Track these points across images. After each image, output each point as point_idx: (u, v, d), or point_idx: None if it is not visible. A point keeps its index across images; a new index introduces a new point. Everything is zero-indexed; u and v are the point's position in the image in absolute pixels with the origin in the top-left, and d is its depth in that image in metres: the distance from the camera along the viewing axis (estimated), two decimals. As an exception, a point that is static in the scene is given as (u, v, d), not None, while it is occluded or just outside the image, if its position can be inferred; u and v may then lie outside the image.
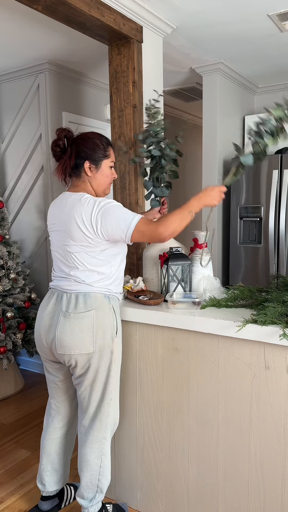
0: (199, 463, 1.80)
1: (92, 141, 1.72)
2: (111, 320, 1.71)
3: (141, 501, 1.99)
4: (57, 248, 1.75)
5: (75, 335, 1.65)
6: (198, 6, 2.52)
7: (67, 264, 1.72)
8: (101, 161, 1.74)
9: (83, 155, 1.71)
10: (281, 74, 3.77)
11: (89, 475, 1.77)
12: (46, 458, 1.92)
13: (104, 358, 1.70)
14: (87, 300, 1.67)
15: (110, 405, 1.75)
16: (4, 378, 3.28)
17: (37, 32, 2.78)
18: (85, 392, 1.73)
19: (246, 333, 1.58)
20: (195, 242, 2.01)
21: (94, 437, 1.75)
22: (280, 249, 3.39)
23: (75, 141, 1.73)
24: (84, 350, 1.66)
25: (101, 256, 1.69)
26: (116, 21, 2.39)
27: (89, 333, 1.66)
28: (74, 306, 1.67)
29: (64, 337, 1.66)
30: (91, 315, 1.66)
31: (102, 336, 1.68)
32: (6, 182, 3.72)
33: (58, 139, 1.72)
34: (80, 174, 1.74)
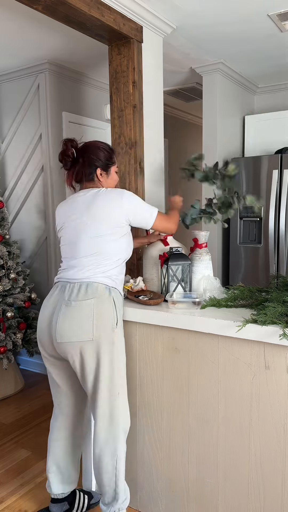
0: (199, 463, 1.80)
1: (102, 151, 1.87)
2: (111, 310, 1.72)
3: (141, 501, 1.99)
4: (68, 241, 1.82)
5: (74, 322, 1.67)
6: (198, 6, 2.52)
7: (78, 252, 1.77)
8: (110, 167, 1.90)
9: (95, 164, 1.85)
10: (281, 74, 3.77)
11: (106, 478, 1.76)
12: (52, 459, 1.91)
13: (104, 348, 1.69)
14: (88, 289, 1.71)
15: (117, 399, 1.74)
16: (4, 378, 3.28)
17: (37, 32, 2.78)
18: (91, 386, 1.73)
19: (246, 333, 1.58)
20: (195, 242, 2.01)
21: (106, 437, 1.75)
22: (280, 249, 3.39)
23: (86, 151, 1.86)
24: (83, 337, 1.67)
25: (116, 242, 1.78)
26: (116, 21, 2.39)
27: (89, 321, 1.67)
28: (76, 295, 1.70)
29: (64, 325, 1.68)
30: (91, 303, 1.69)
31: (102, 325, 1.68)
32: (6, 182, 3.72)
33: (67, 149, 1.86)
34: (93, 179, 1.87)
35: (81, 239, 1.76)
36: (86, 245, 1.76)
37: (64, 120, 3.47)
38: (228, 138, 3.80)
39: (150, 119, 2.73)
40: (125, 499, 1.80)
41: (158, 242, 2.11)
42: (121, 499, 1.78)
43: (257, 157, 3.46)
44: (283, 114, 3.74)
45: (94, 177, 1.86)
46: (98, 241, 1.75)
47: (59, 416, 1.92)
